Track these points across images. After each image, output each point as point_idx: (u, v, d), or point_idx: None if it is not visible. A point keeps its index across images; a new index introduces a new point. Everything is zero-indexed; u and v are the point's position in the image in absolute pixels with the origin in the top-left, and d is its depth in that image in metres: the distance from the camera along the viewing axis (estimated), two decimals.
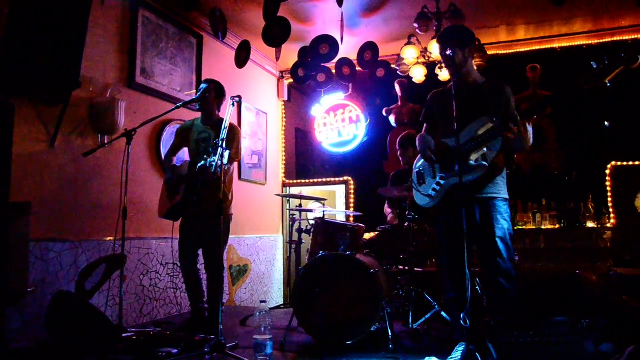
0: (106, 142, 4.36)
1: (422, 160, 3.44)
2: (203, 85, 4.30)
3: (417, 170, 3.49)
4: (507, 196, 3.22)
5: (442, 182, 3.25)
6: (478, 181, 3.09)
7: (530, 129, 2.99)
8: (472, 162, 3.03)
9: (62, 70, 3.72)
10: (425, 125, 3.54)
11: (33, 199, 3.65)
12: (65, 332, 3.30)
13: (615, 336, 2.73)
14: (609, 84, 2.65)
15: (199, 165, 3.60)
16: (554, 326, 2.80)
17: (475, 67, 3.41)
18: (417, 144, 3.38)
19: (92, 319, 3.34)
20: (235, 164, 4.77)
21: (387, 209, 5.24)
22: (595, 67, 2.66)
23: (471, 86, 3.29)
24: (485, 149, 3.04)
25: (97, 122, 4.36)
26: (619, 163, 6.05)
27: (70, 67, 3.75)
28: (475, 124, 3.09)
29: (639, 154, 6.00)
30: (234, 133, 4.23)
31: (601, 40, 6.39)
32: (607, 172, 6.06)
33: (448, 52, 3.15)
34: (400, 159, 5.13)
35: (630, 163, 6.02)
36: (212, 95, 4.29)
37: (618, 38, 6.31)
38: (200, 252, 4.36)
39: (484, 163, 3.02)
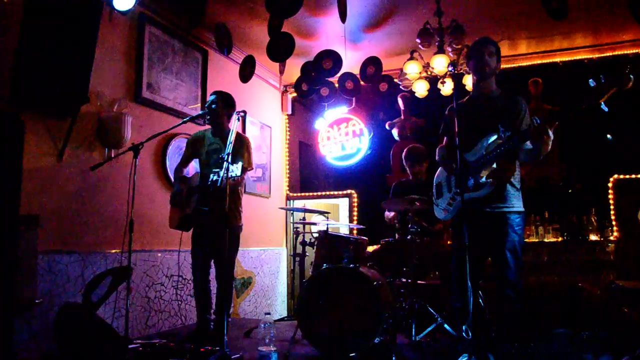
0: (113, 155, 4.42)
1: (442, 173, 3.54)
2: (211, 97, 4.36)
3: (437, 183, 3.58)
4: (521, 208, 3.26)
5: (456, 196, 3.32)
6: (488, 196, 3.14)
7: (551, 134, 2.95)
8: (482, 180, 3.10)
9: (71, 85, 3.79)
10: (445, 139, 3.58)
11: (41, 212, 3.71)
12: (72, 344, 3.34)
13: (615, 349, 2.75)
14: (603, 105, 2.68)
15: (212, 179, 3.64)
16: (555, 338, 2.82)
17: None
18: (437, 155, 3.50)
19: (99, 330, 3.38)
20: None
21: (388, 212, 5.28)
22: (593, 85, 2.70)
23: (487, 97, 3.35)
24: (495, 165, 3.10)
25: (105, 136, 4.43)
26: (621, 176, 6.06)
27: (79, 83, 3.83)
28: (487, 140, 3.16)
29: None
30: (243, 143, 4.28)
31: (602, 55, 6.44)
32: (610, 185, 6.07)
33: (487, 57, 3.26)
34: (409, 171, 5.16)
35: (633, 176, 6.03)
36: (219, 107, 4.33)
37: (619, 52, 6.36)
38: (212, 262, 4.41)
39: (492, 180, 3.08)
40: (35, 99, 3.74)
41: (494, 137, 3.13)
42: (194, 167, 4.78)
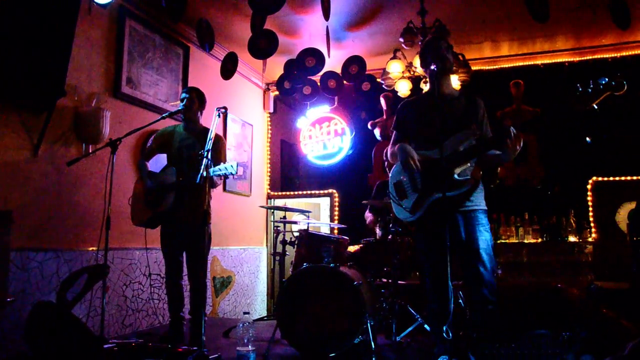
0: (90, 151, 4.34)
1: (399, 171, 3.36)
2: (184, 95, 4.29)
3: (396, 181, 3.38)
4: (486, 207, 3.23)
5: (424, 196, 3.19)
6: (461, 195, 3.11)
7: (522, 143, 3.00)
8: (456, 177, 3.04)
9: (47, 78, 3.71)
10: (395, 133, 3.45)
11: (15, 208, 3.61)
12: (45, 344, 3.25)
13: (595, 348, 2.76)
14: (596, 107, 2.69)
15: (201, 174, 3.51)
16: (535, 339, 2.82)
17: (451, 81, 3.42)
18: (396, 154, 3.29)
19: (73, 330, 3.30)
20: None
21: (368, 214, 5.27)
22: (581, 90, 2.70)
23: (447, 97, 3.29)
24: (468, 164, 3.07)
25: (82, 131, 4.34)
26: (600, 178, 6.14)
27: (55, 76, 3.75)
28: (458, 138, 3.10)
29: (620, 170, 6.11)
30: (220, 144, 4.24)
31: (583, 58, 6.53)
32: (589, 187, 6.15)
33: (444, 51, 3.23)
34: (388, 170, 5.16)
35: (611, 178, 6.11)
36: (195, 104, 4.30)
37: (599, 56, 6.45)
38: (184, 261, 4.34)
39: (469, 177, 3.04)
40: (9, 92, 3.64)
41: (464, 136, 3.08)
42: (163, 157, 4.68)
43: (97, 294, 4.22)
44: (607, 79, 2.67)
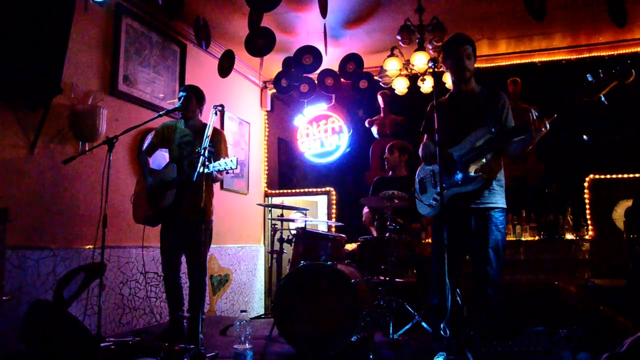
0: (87, 149, 4.31)
1: (424, 169, 3.50)
2: (182, 93, 4.28)
3: (419, 179, 3.54)
4: (504, 205, 3.24)
5: (445, 191, 3.23)
6: (476, 191, 3.12)
7: (548, 125, 2.93)
8: (471, 174, 3.07)
9: (43, 76, 3.70)
10: (425, 136, 3.54)
11: (11, 206, 3.59)
12: (41, 342, 3.25)
13: (592, 346, 2.76)
14: (603, 99, 2.69)
15: (199, 172, 3.50)
16: (533, 336, 2.82)
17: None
18: (420, 151, 3.47)
19: (70, 328, 3.29)
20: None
21: (366, 210, 5.27)
22: (591, 79, 2.70)
23: (469, 94, 3.33)
24: (484, 160, 3.08)
25: (78, 129, 4.32)
26: (597, 176, 6.15)
27: (51, 73, 3.74)
28: (474, 135, 3.13)
29: (617, 168, 6.11)
30: (220, 137, 4.23)
31: (579, 56, 6.54)
32: (586, 184, 6.16)
33: (465, 61, 3.26)
34: (386, 164, 5.20)
35: (608, 176, 6.12)
36: (193, 102, 4.28)
37: (596, 54, 6.46)
38: (182, 259, 4.33)
39: (483, 175, 3.06)
40: (5, 89, 3.63)
41: (483, 132, 3.11)
42: (163, 156, 4.68)
43: (93, 292, 4.22)
44: (617, 68, 2.65)
